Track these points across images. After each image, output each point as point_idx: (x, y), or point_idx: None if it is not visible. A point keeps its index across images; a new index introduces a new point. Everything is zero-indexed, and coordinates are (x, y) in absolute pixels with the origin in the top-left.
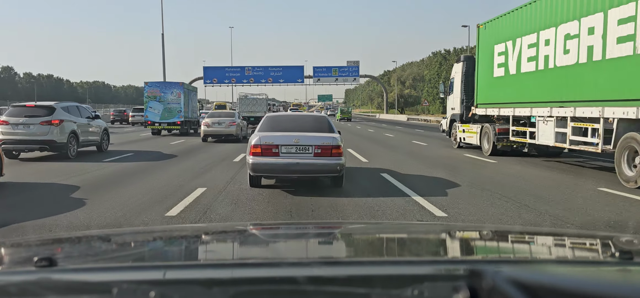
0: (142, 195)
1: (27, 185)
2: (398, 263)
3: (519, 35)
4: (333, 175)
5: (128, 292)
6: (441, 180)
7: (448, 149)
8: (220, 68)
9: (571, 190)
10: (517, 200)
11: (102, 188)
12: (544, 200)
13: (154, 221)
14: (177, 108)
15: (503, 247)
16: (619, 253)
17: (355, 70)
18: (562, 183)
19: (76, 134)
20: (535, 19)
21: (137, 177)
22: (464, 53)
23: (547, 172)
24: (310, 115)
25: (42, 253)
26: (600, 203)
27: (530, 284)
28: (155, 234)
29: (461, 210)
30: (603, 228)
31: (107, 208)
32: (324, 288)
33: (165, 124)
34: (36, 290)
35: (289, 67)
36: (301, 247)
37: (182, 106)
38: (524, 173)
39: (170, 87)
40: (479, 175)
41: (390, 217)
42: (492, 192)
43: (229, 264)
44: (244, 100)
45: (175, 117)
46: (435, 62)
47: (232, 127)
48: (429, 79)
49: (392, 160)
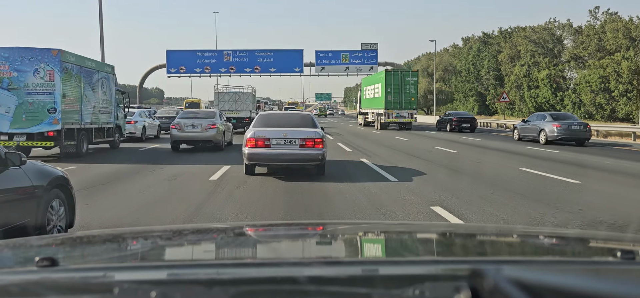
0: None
1: None
2: (399, 263)
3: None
4: (315, 163)
5: (129, 291)
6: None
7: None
8: (189, 52)
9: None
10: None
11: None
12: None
13: None
14: (46, 103)
15: (504, 247)
16: (621, 252)
17: (372, 56)
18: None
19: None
20: (371, 82)
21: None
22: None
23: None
24: (297, 114)
25: (43, 253)
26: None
27: (532, 284)
28: (157, 234)
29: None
30: (603, 228)
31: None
32: (325, 288)
33: (20, 134)
34: (38, 290)
35: (283, 51)
36: (302, 247)
37: (58, 99)
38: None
39: (32, 59)
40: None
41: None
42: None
43: (229, 264)
44: (223, 96)
45: (41, 123)
46: (471, 48)
47: (212, 131)
48: (460, 70)
49: None
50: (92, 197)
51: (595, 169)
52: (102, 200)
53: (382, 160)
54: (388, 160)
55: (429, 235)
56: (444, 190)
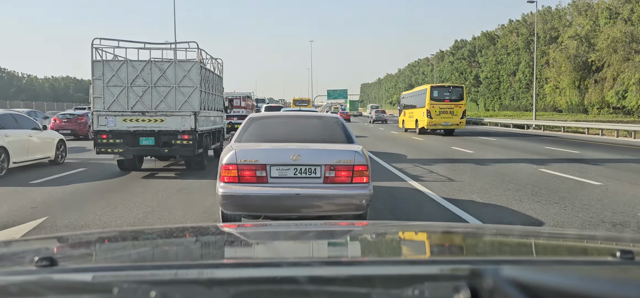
0: None
1: None
2: (399, 263)
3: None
4: (355, 213)
5: (129, 291)
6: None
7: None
8: None
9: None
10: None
11: None
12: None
13: None
14: None
15: (504, 247)
16: (620, 252)
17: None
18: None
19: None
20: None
21: None
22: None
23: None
24: (315, 116)
25: (42, 253)
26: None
27: (531, 284)
28: (156, 234)
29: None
30: (604, 228)
31: None
32: (325, 288)
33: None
34: (37, 290)
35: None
36: (301, 247)
37: None
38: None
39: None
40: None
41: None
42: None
43: (229, 264)
44: (113, 67)
45: None
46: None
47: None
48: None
49: None
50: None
51: None
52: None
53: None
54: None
55: (429, 235)
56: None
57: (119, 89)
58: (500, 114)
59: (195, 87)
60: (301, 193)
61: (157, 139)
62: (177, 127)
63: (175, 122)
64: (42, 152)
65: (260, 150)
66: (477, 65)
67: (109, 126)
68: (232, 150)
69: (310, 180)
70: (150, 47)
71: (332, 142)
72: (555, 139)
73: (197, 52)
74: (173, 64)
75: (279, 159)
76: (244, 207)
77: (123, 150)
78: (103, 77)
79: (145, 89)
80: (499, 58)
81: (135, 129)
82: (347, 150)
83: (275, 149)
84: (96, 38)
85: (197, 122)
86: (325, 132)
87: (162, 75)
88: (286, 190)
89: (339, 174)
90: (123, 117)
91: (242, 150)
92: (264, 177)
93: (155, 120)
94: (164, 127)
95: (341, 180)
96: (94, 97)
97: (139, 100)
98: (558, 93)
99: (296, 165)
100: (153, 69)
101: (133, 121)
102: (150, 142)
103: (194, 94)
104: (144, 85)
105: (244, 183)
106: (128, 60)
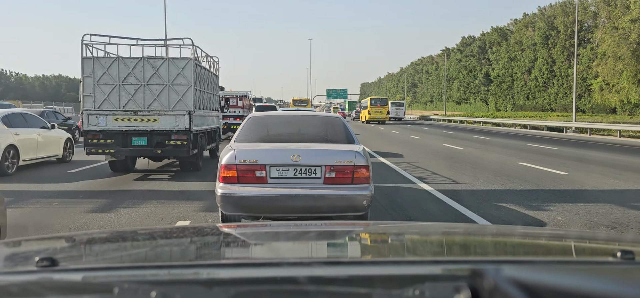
0: None
1: None
2: (399, 263)
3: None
4: (356, 214)
5: (129, 291)
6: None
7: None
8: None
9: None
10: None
11: None
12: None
13: None
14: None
15: (504, 247)
16: (621, 252)
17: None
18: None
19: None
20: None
21: None
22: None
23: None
24: (316, 116)
25: (43, 253)
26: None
27: (532, 284)
28: (157, 234)
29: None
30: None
31: None
32: (325, 288)
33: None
34: (38, 290)
35: None
36: (302, 247)
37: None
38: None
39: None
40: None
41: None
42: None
43: (229, 264)
44: (104, 64)
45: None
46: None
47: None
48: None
49: None
50: None
51: None
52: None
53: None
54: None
55: (429, 235)
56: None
57: (110, 87)
58: (519, 115)
59: (189, 86)
60: (301, 194)
61: (150, 139)
62: (171, 126)
63: (168, 122)
64: (50, 151)
65: (259, 151)
66: (488, 62)
67: (100, 126)
68: (232, 151)
69: (311, 181)
70: (143, 44)
71: (333, 142)
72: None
73: (191, 49)
74: (167, 62)
75: (279, 160)
76: (243, 208)
77: (114, 150)
78: (93, 74)
79: (138, 87)
80: (512, 55)
81: (127, 129)
82: (347, 151)
83: (274, 149)
84: (86, 34)
85: (191, 121)
86: (325, 131)
87: (155, 72)
88: (286, 191)
89: (340, 175)
90: (114, 117)
91: (242, 150)
92: (263, 177)
93: (148, 119)
94: (157, 127)
95: (342, 181)
96: (84, 95)
97: (131, 98)
98: (608, 90)
99: (296, 165)
100: (146, 67)
101: (125, 120)
102: (142, 143)
103: (189, 92)
104: (137, 83)
105: (244, 183)
106: (120, 57)
